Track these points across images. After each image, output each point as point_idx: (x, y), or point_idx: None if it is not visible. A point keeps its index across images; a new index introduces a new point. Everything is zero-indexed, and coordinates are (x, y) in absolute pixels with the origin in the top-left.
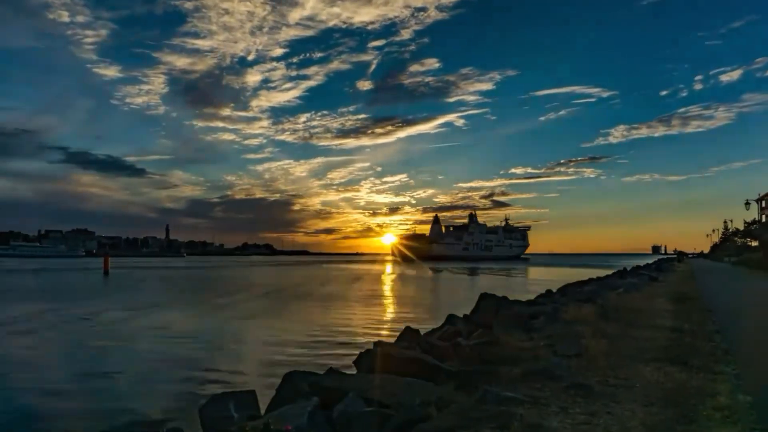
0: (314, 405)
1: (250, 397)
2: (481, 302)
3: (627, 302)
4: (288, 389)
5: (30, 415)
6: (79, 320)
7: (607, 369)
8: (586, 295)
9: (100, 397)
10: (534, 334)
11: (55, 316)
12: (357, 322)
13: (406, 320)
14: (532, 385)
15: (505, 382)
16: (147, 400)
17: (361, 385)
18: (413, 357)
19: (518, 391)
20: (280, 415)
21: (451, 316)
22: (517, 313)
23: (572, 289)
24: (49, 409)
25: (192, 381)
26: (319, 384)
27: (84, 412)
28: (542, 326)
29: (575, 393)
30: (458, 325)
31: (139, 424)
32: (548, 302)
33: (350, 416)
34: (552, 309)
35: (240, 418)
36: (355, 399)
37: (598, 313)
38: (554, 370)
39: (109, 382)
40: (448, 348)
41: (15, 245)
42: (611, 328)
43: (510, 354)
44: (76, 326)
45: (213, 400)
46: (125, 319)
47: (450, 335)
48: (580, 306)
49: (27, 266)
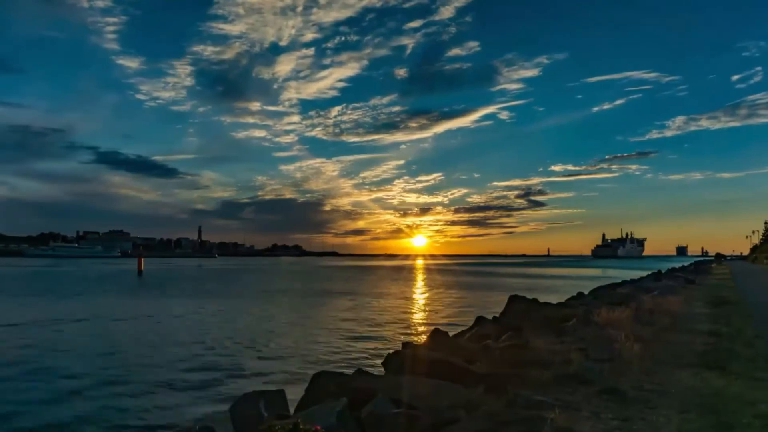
0: (343, 405)
1: (280, 396)
2: (510, 304)
3: (662, 305)
4: (317, 389)
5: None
6: (114, 319)
7: (641, 374)
8: (619, 298)
9: (131, 393)
10: (565, 338)
11: (109, 312)
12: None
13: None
14: (563, 390)
15: (535, 386)
16: (178, 397)
17: (390, 387)
18: (442, 359)
19: (549, 395)
20: (309, 415)
21: (480, 318)
22: (547, 316)
23: (604, 292)
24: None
25: (224, 378)
26: (348, 384)
27: (114, 407)
28: (573, 329)
29: (608, 398)
30: (487, 328)
31: (171, 421)
32: (579, 305)
33: (379, 417)
34: (584, 312)
35: (269, 417)
36: (383, 400)
37: (632, 316)
38: (586, 374)
39: (141, 380)
40: (478, 350)
41: (54, 246)
42: (646, 331)
43: (540, 357)
44: (115, 323)
45: (243, 399)
46: (162, 315)
47: (479, 337)
48: (613, 309)
49: (65, 266)
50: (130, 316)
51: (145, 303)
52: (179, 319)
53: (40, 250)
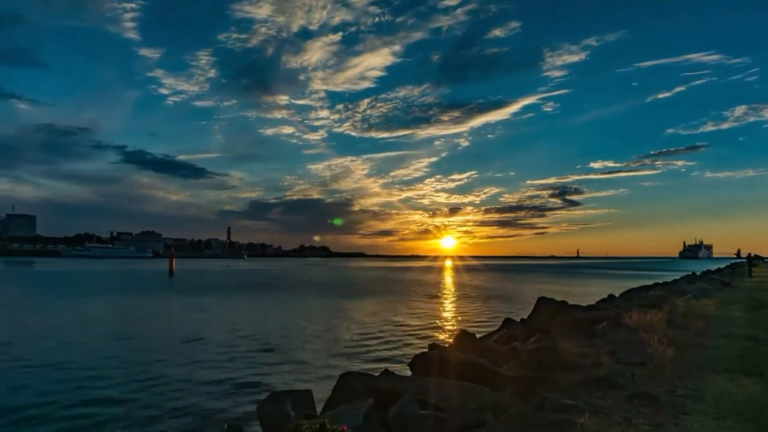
0: (369, 406)
1: (307, 396)
2: (538, 306)
3: (696, 309)
4: (343, 389)
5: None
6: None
7: (674, 378)
8: (651, 301)
9: (160, 392)
10: (595, 341)
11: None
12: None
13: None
14: (593, 393)
15: (565, 389)
16: (206, 395)
17: (416, 388)
18: (469, 361)
19: (578, 399)
20: (336, 416)
21: (508, 320)
22: (576, 318)
23: (636, 294)
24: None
25: (251, 377)
26: (374, 385)
27: (143, 404)
28: (604, 332)
29: (639, 403)
30: (515, 330)
31: (200, 419)
32: (610, 307)
33: (405, 419)
34: (614, 314)
35: (297, 416)
36: (409, 401)
37: (664, 319)
38: (617, 378)
39: (170, 378)
40: (505, 352)
41: (90, 246)
42: (679, 335)
43: (569, 360)
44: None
45: (270, 398)
46: (191, 315)
47: (506, 339)
48: (645, 312)
49: (99, 267)
50: (162, 315)
51: (177, 303)
52: (208, 318)
53: (77, 251)
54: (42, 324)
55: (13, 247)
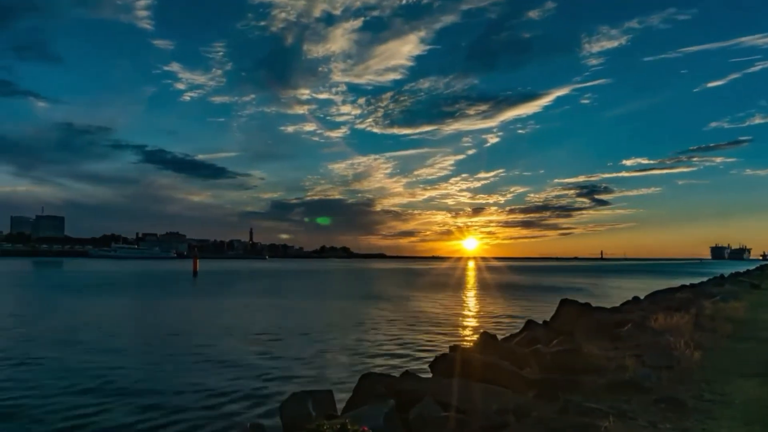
0: (390, 407)
1: (328, 396)
2: (561, 308)
3: (725, 312)
4: (364, 390)
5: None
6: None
7: (701, 383)
8: (677, 303)
9: (183, 390)
10: (619, 343)
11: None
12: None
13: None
14: (617, 397)
15: (588, 393)
16: (229, 394)
17: (437, 390)
18: (491, 363)
19: (602, 403)
20: (357, 416)
21: (530, 322)
22: (600, 321)
23: (662, 296)
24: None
25: (273, 376)
26: (396, 386)
27: (165, 403)
28: (629, 335)
29: (666, 407)
30: (537, 332)
31: (222, 419)
32: (635, 309)
33: (426, 420)
34: (639, 317)
35: (318, 416)
36: (431, 403)
37: (692, 322)
38: (642, 381)
39: (193, 377)
40: (527, 355)
41: (116, 247)
42: (706, 339)
43: (593, 363)
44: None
45: (292, 398)
46: (213, 315)
47: (529, 342)
48: (671, 314)
49: (125, 267)
50: (185, 315)
51: (200, 303)
52: (230, 318)
53: (103, 251)
54: (74, 322)
55: (42, 247)
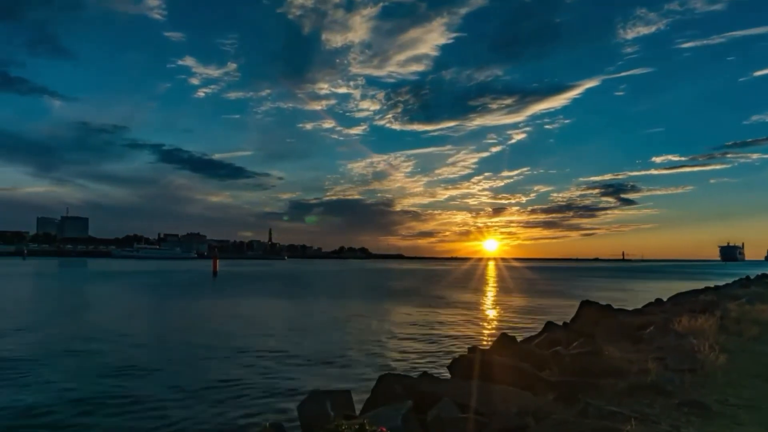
0: (408, 408)
1: (346, 397)
2: (581, 310)
3: (751, 314)
4: (382, 391)
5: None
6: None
7: (726, 387)
8: (701, 305)
9: (203, 389)
10: (642, 346)
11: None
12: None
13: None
14: (639, 401)
15: (609, 396)
16: (248, 393)
17: (456, 391)
18: (510, 364)
19: (624, 406)
20: (375, 417)
21: (550, 324)
22: (622, 323)
23: (685, 298)
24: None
25: (291, 375)
26: (414, 387)
27: (186, 403)
28: (651, 337)
29: (689, 411)
30: (557, 334)
31: (241, 418)
32: (658, 312)
33: (444, 421)
34: (662, 319)
35: (336, 416)
36: (449, 404)
37: (716, 325)
38: (665, 385)
39: (213, 376)
40: (547, 357)
41: (138, 247)
42: (732, 342)
43: (614, 366)
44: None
45: (310, 398)
46: (233, 315)
47: (548, 343)
48: (695, 317)
49: (148, 267)
50: (205, 315)
51: (220, 302)
52: (250, 317)
53: (126, 251)
54: (99, 318)
55: (67, 247)
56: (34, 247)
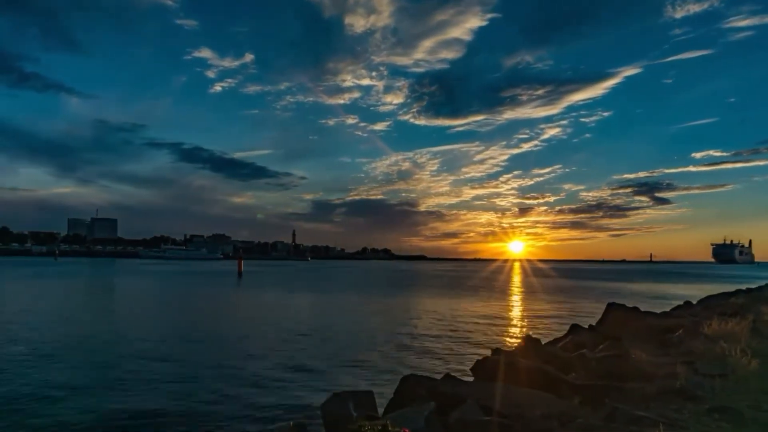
0: (431, 409)
1: (369, 397)
2: (608, 312)
3: None
4: (405, 392)
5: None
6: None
7: (759, 392)
8: (732, 308)
9: (227, 388)
10: (670, 350)
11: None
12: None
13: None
14: (667, 405)
15: (637, 400)
16: (271, 393)
17: (479, 393)
18: (534, 367)
19: (652, 411)
20: (398, 418)
21: (575, 326)
22: (649, 326)
23: (715, 301)
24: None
25: (315, 375)
26: (437, 389)
27: (209, 401)
28: (680, 341)
29: (720, 417)
30: (582, 336)
31: (265, 417)
32: (686, 315)
33: (467, 423)
34: (691, 322)
35: (359, 417)
36: (472, 406)
37: (748, 328)
38: (695, 390)
39: (237, 375)
40: (572, 360)
41: (165, 248)
42: (765, 346)
43: (642, 369)
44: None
45: (333, 398)
46: (258, 314)
47: (574, 346)
48: (726, 320)
49: (175, 267)
50: (231, 313)
51: (245, 302)
52: (274, 317)
53: (153, 252)
54: (137, 315)
55: (96, 248)
56: (65, 247)
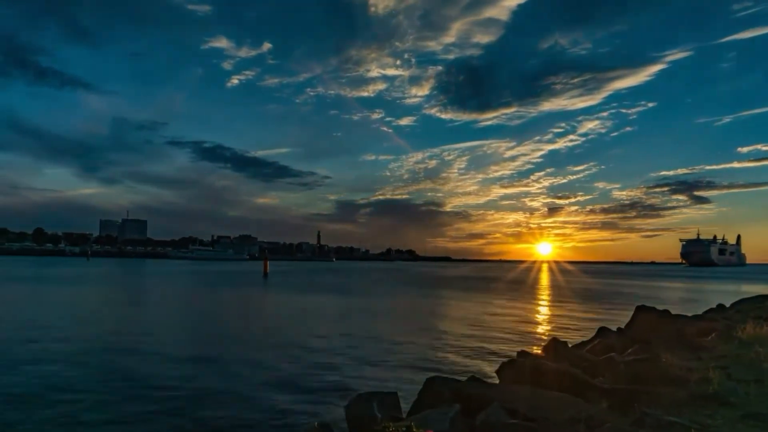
0: (456, 412)
1: (393, 399)
2: (637, 315)
3: None
4: (430, 394)
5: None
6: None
7: None
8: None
9: (253, 389)
10: (702, 354)
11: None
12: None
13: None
14: (699, 411)
15: (667, 406)
16: (295, 393)
17: (505, 396)
18: (561, 370)
19: (683, 417)
20: (422, 419)
21: (603, 329)
22: (680, 329)
23: (750, 304)
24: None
25: (339, 376)
26: (462, 391)
27: (235, 402)
28: (712, 345)
29: (754, 424)
30: (611, 339)
31: (290, 417)
32: (719, 318)
33: (493, 426)
34: (725, 326)
35: (383, 418)
36: (498, 409)
37: None
38: (728, 395)
39: (262, 375)
40: (600, 363)
41: (193, 249)
42: None
43: (673, 374)
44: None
45: (357, 399)
46: (282, 313)
47: (601, 349)
48: (761, 324)
49: (203, 267)
50: (255, 313)
51: (270, 302)
52: (298, 316)
53: (182, 253)
54: (166, 313)
55: (127, 249)
56: (97, 248)
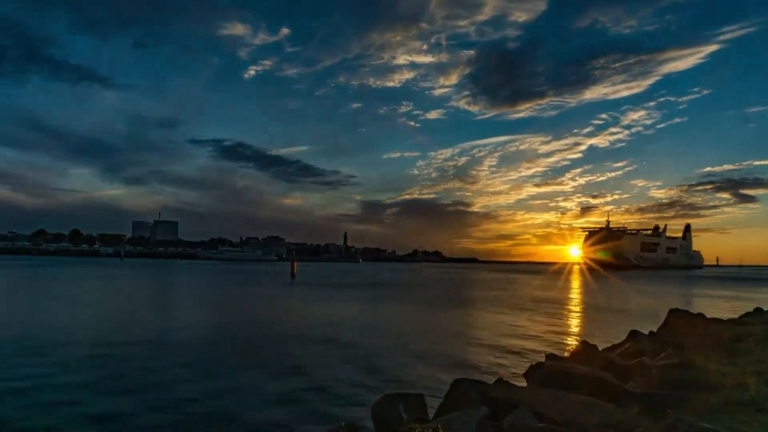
0: (483, 415)
1: (419, 400)
2: (670, 318)
3: None
4: (456, 396)
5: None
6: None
7: None
8: None
9: (276, 390)
10: (739, 359)
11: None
12: (529, 332)
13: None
14: (736, 418)
15: (701, 412)
16: (321, 394)
17: (533, 399)
18: (591, 374)
19: (718, 423)
20: (448, 422)
21: (634, 332)
22: (715, 333)
23: None
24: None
25: (365, 377)
26: (489, 394)
27: (258, 402)
28: (750, 350)
29: None
30: (642, 343)
31: (316, 417)
32: (757, 322)
33: (520, 430)
34: (763, 330)
35: (409, 420)
36: (525, 413)
37: None
38: (765, 402)
39: (288, 377)
40: (631, 367)
41: (222, 250)
42: None
43: (707, 379)
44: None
45: (383, 400)
46: (307, 315)
47: (632, 353)
48: None
49: (231, 267)
50: (282, 313)
51: (298, 302)
52: (325, 317)
53: (211, 253)
54: (199, 311)
55: (158, 250)
56: (130, 248)
